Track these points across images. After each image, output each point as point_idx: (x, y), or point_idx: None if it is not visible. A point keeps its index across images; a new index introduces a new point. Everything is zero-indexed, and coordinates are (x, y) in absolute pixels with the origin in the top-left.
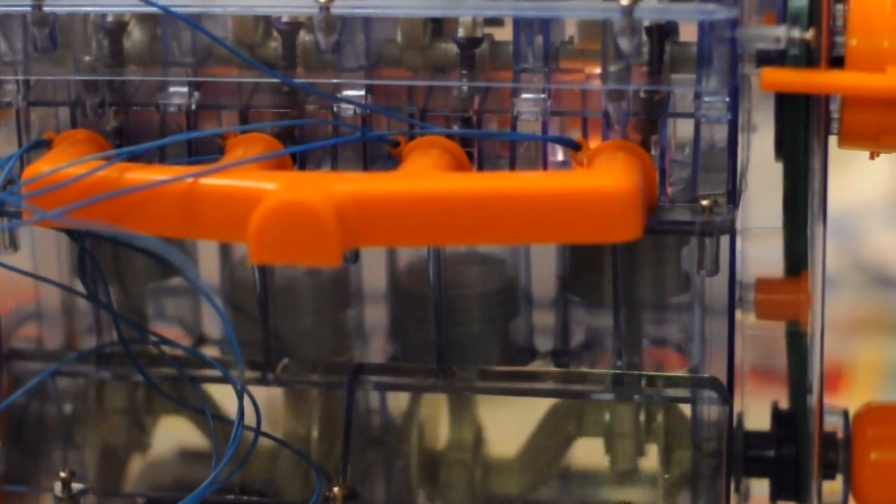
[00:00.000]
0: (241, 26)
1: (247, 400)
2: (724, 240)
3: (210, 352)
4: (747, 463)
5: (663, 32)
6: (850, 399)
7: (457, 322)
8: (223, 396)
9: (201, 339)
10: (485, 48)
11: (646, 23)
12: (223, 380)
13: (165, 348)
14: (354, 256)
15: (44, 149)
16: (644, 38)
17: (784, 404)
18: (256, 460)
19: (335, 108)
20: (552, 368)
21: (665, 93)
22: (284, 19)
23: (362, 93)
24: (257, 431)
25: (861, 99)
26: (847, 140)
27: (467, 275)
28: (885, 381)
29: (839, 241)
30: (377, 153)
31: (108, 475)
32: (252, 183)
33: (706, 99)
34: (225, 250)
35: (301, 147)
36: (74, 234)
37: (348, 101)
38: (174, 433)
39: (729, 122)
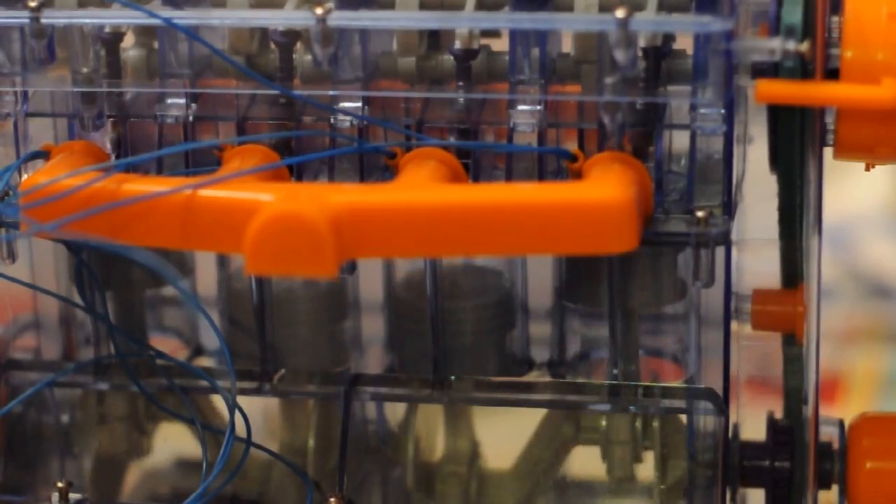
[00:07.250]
0: (238, 38)
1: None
2: (720, 251)
3: (207, 362)
4: (743, 473)
5: (659, 51)
6: (845, 409)
7: (453, 333)
8: (224, 406)
9: (199, 350)
10: (481, 60)
11: (642, 41)
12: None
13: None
14: (351, 268)
15: (42, 160)
16: (639, 50)
17: (780, 415)
18: (251, 471)
19: (332, 120)
20: (548, 379)
21: (661, 104)
22: (281, 31)
23: (359, 104)
24: (248, 443)
25: (856, 111)
26: (842, 152)
27: (464, 286)
28: (881, 392)
29: (835, 251)
30: (374, 165)
31: (105, 485)
32: (249, 194)
33: (702, 110)
34: (222, 261)
35: (298, 158)
36: (72, 245)
37: (345, 112)
38: (172, 443)
39: (724, 134)
